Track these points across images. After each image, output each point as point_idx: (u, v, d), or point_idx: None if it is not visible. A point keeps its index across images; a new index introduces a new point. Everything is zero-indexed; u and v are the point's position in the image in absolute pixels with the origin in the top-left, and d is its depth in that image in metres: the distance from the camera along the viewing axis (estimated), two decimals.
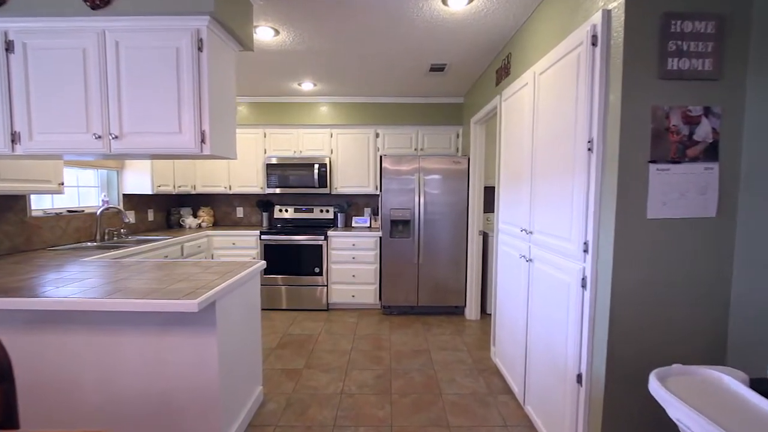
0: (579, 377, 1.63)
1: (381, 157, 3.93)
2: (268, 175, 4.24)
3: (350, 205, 4.64)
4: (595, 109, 1.52)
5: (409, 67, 3.27)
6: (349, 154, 4.31)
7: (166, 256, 3.28)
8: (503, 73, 2.73)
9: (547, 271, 1.90)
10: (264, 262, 2.31)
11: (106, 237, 3.32)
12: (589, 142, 1.55)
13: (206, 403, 1.79)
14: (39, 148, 1.74)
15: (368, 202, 4.67)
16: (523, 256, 2.22)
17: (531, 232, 2.11)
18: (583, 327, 1.60)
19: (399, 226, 3.97)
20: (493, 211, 4.37)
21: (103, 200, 3.46)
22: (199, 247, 3.84)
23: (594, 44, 1.52)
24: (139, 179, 3.61)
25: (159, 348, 1.76)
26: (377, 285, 4.09)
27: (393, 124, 4.32)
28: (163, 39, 1.64)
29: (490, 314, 3.91)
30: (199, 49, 1.65)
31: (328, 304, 4.12)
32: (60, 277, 1.89)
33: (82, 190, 3.40)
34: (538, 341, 2.03)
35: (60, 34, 1.65)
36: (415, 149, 4.30)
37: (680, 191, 1.43)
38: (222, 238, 4.07)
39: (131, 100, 1.67)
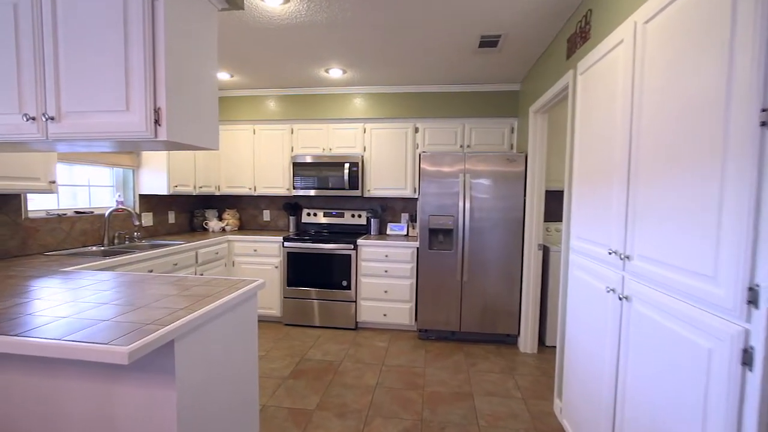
0: None
1: (420, 155, 3.36)
2: (294, 175, 3.83)
3: (385, 210, 4.11)
4: None
5: (454, 42, 2.67)
6: (384, 152, 3.79)
7: (176, 264, 2.95)
8: (579, 39, 2.05)
9: (661, 322, 1.23)
10: (262, 281, 1.84)
11: (116, 241, 3.06)
12: (763, 111, 0.88)
13: None
14: None
15: (405, 207, 4.11)
16: (612, 290, 1.54)
17: (628, 257, 1.43)
18: (743, 429, 0.93)
19: (439, 236, 3.37)
20: (555, 220, 3.63)
21: (117, 201, 3.22)
22: (217, 253, 3.49)
23: None
24: (156, 179, 3.33)
25: (105, 399, 1.33)
26: (413, 304, 3.51)
27: (435, 116, 3.73)
28: None
29: (552, 347, 3.18)
30: None
31: (356, 322, 3.61)
32: (7, 294, 1.54)
33: (99, 190, 3.18)
34: (641, 418, 1.35)
35: None
36: (461, 146, 3.68)
37: None
38: (243, 243, 3.71)
39: (71, 70, 1.26)
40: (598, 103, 1.74)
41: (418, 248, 3.40)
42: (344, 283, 3.58)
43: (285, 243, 3.64)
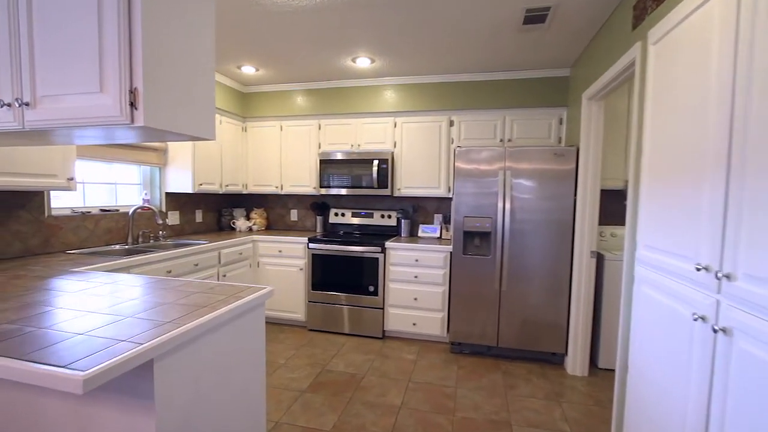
0: None
1: (455, 151, 3.05)
2: (321, 173, 3.65)
3: (416, 211, 3.83)
4: None
5: (494, 19, 2.36)
6: (415, 148, 3.51)
7: (197, 265, 2.85)
8: (650, 1, 1.68)
9: None
10: (271, 288, 1.64)
11: (140, 239, 3.02)
12: None
13: None
14: None
15: (439, 207, 3.81)
16: (701, 318, 1.18)
17: (727, 277, 1.08)
18: None
19: (475, 240, 3.05)
20: (610, 224, 3.19)
21: (143, 199, 3.19)
22: (241, 254, 3.38)
23: None
24: (181, 177, 3.27)
25: (83, 421, 1.18)
26: (445, 313, 3.21)
27: (471, 108, 3.40)
28: None
29: (606, 371, 2.77)
30: None
31: (383, 331, 3.37)
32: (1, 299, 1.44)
33: (129, 188, 3.16)
34: None
35: None
36: (501, 140, 3.33)
37: None
38: (268, 244, 3.58)
39: (45, 46, 1.11)
40: (680, 77, 1.37)
41: (451, 252, 3.10)
42: (371, 288, 3.35)
43: (310, 244, 3.47)
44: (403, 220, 3.71)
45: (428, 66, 3.20)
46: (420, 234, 3.68)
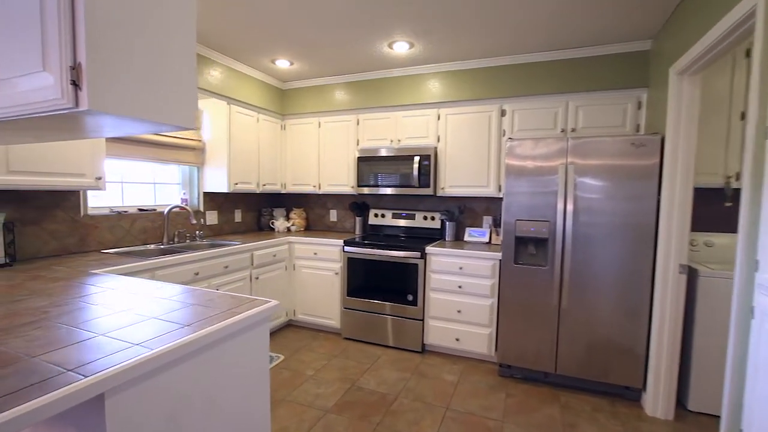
0: None
1: (507, 144, 2.64)
2: (358, 171, 3.42)
3: (463, 212, 3.45)
4: None
5: None
6: (462, 142, 3.14)
7: (227, 267, 2.75)
8: None
9: None
10: (276, 302, 1.42)
11: (176, 239, 3.00)
12: None
13: None
14: None
15: (488, 208, 3.39)
16: None
17: None
18: None
19: (529, 247, 2.61)
20: (703, 230, 2.59)
21: (182, 199, 3.19)
22: (275, 256, 3.25)
23: None
24: (217, 176, 3.22)
25: None
26: (493, 330, 2.81)
27: (527, 94, 2.95)
28: None
29: (700, 415, 2.20)
30: None
31: (423, 344, 3.05)
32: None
33: (169, 188, 3.18)
34: None
35: None
36: (562, 130, 2.84)
37: None
38: (303, 246, 3.42)
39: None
40: None
41: (500, 261, 2.69)
42: (410, 297, 3.05)
43: (345, 247, 3.25)
44: (447, 223, 3.35)
45: (474, 48, 2.81)
46: (467, 238, 3.30)
